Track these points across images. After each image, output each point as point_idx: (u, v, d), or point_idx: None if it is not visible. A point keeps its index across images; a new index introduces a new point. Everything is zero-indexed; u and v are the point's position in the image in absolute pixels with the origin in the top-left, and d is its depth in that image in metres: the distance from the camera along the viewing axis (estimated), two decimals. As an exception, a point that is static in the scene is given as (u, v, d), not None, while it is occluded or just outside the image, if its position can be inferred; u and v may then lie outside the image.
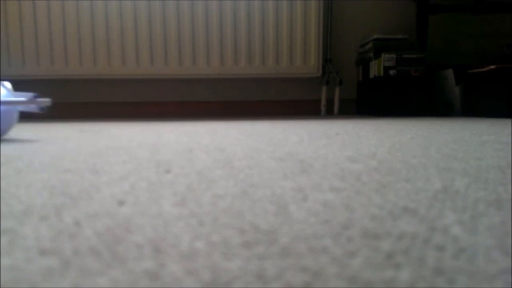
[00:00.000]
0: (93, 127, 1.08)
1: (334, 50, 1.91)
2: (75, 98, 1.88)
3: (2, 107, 0.66)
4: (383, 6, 1.90)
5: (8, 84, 0.70)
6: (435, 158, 0.44)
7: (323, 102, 1.86)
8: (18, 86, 1.85)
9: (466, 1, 1.81)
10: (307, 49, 1.78)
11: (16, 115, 0.68)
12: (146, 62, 1.74)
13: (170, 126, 1.10)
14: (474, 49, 1.91)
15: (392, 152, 0.49)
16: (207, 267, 0.16)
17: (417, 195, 0.27)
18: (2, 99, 0.65)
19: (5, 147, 0.59)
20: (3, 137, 0.66)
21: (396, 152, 0.48)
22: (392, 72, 1.60)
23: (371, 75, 1.70)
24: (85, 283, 0.14)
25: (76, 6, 1.70)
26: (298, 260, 0.16)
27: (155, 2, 1.72)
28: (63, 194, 0.28)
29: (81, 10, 1.71)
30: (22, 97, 0.68)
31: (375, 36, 1.66)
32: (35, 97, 0.68)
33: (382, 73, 1.60)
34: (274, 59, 1.78)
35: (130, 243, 0.18)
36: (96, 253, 0.17)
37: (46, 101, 0.69)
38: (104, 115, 1.89)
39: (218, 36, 1.75)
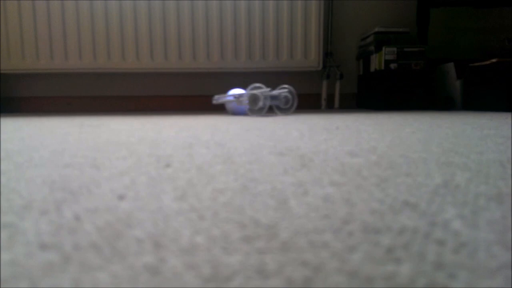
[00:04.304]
0: (93, 121, 1.08)
1: (334, 43, 1.90)
2: (74, 92, 1.88)
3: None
4: (384, 0, 1.89)
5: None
6: (435, 152, 0.44)
7: (324, 96, 1.85)
8: (18, 80, 1.85)
9: (468, -6, 1.80)
10: (307, 43, 1.77)
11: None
12: (146, 56, 1.74)
13: (170, 120, 1.09)
14: (475, 43, 1.90)
15: (393, 147, 0.48)
16: (208, 262, 0.16)
17: (418, 189, 0.27)
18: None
19: (6, 141, 0.59)
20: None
21: (396, 147, 0.48)
22: (393, 65, 1.60)
23: (372, 68, 1.69)
24: (85, 278, 0.14)
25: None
26: (298, 255, 0.16)
27: (155, -5, 1.71)
28: (63, 189, 0.28)
29: (81, 4, 1.70)
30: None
31: (376, 30, 1.65)
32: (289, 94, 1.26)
33: (383, 67, 1.60)
34: (275, 53, 1.77)
35: (130, 238, 0.18)
36: (96, 248, 0.17)
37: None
38: (104, 109, 1.89)
39: (218, 30, 1.74)
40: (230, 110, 1.35)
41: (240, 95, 1.27)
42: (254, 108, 1.22)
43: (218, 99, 1.33)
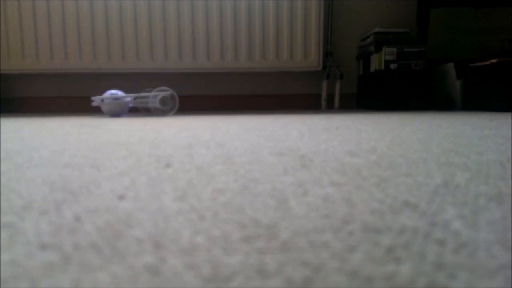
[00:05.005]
0: (93, 121, 1.08)
1: (334, 44, 1.90)
2: (74, 93, 1.88)
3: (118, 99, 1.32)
4: (384, 0, 1.89)
5: None
6: (435, 152, 0.44)
7: (324, 96, 1.85)
8: (18, 80, 1.85)
9: (468, -6, 1.80)
10: (307, 43, 1.77)
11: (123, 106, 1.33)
12: (146, 56, 1.74)
13: (170, 120, 1.09)
14: (475, 44, 1.90)
15: (393, 147, 0.48)
16: (208, 262, 0.16)
17: (418, 189, 0.27)
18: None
19: (6, 142, 0.59)
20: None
21: (396, 147, 0.48)
22: (393, 66, 1.60)
23: (372, 69, 1.69)
24: (85, 278, 0.14)
25: None
26: (298, 255, 0.16)
27: (155, -4, 1.71)
28: (63, 189, 0.28)
29: (81, 4, 1.70)
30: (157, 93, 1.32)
31: (376, 30, 1.65)
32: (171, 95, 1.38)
33: (383, 67, 1.60)
34: (275, 53, 1.77)
35: (131, 238, 0.18)
36: (96, 248, 0.17)
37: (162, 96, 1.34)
38: (104, 109, 1.89)
39: (218, 30, 1.74)
40: (109, 111, 1.33)
41: (147, 96, 1.33)
42: (164, 108, 1.33)
43: (103, 99, 1.31)
